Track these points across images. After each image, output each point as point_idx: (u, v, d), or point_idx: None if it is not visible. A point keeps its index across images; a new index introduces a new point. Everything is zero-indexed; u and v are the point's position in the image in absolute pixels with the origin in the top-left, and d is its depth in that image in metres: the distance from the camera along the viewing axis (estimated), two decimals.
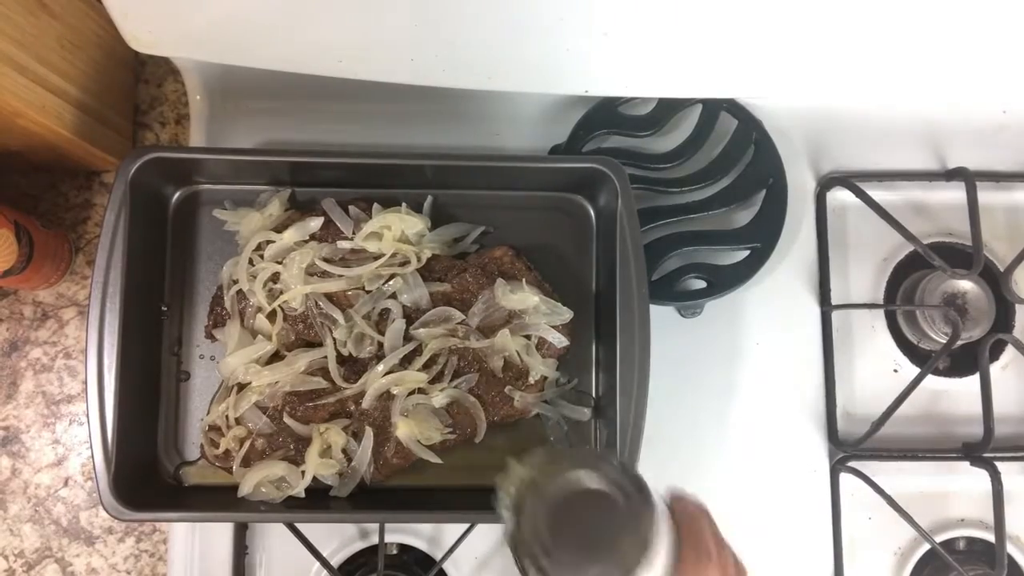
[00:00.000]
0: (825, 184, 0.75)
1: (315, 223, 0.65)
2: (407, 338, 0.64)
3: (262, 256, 0.65)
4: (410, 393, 0.64)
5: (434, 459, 0.64)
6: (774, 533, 0.71)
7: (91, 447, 0.60)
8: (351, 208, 0.66)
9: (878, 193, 0.72)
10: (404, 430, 0.63)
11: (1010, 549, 0.69)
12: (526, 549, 0.38)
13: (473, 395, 0.64)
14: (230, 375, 0.64)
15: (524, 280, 0.64)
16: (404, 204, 0.66)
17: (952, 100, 0.75)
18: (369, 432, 0.63)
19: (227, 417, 0.63)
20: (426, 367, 0.64)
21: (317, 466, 0.62)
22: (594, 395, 0.68)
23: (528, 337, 0.65)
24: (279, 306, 0.64)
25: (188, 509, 0.64)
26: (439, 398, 0.64)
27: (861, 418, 0.72)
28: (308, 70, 0.65)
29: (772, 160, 0.72)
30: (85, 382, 0.60)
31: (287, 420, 0.63)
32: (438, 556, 0.67)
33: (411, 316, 0.65)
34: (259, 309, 0.64)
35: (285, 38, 0.63)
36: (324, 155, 0.66)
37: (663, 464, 0.69)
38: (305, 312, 0.64)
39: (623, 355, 0.62)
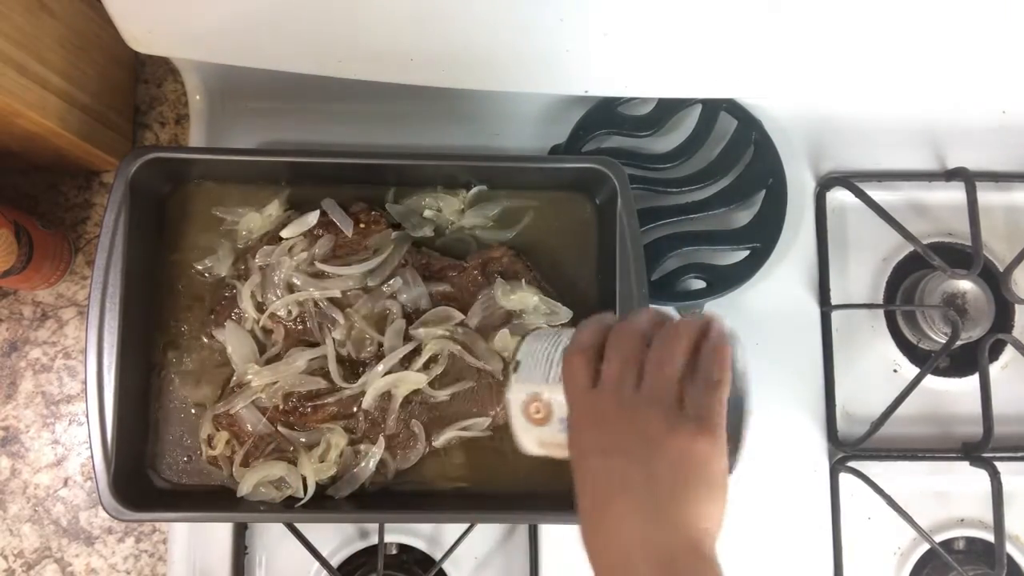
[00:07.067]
0: (825, 184, 0.75)
1: (312, 217, 0.65)
2: (407, 338, 0.64)
3: (254, 257, 0.65)
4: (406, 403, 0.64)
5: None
6: (774, 533, 0.71)
7: (91, 447, 0.59)
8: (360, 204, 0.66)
9: (878, 193, 0.72)
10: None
11: (1010, 549, 0.69)
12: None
13: (472, 395, 0.64)
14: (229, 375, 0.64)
15: (523, 280, 0.64)
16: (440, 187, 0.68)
17: (952, 100, 0.75)
18: (381, 441, 0.63)
19: (226, 417, 0.63)
20: (426, 367, 0.63)
21: (316, 470, 0.62)
22: None
23: None
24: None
25: (188, 509, 0.64)
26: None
27: (861, 418, 0.72)
28: (308, 70, 0.65)
29: (772, 160, 0.72)
30: (85, 382, 0.60)
31: (282, 429, 0.63)
32: (438, 556, 0.67)
33: (411, 316, 0.65)
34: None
35: (285, 38, 0.63)
36: (324, 155, 0.66)
37: None
38: (304, 313, 0.64)
39: None
